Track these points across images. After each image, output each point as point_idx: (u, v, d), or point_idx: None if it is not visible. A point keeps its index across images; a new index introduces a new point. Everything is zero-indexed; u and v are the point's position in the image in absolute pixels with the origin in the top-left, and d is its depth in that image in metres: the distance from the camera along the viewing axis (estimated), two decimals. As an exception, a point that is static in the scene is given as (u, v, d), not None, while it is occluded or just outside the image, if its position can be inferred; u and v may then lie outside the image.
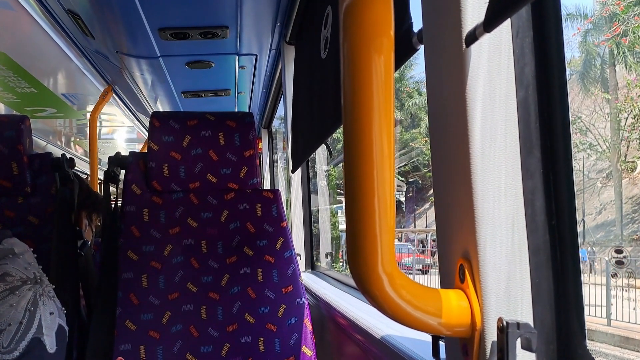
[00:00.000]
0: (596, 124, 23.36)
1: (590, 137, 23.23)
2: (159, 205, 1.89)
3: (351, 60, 0.72)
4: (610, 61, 22.76)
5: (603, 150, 23.06)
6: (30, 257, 1.24)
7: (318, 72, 1.98)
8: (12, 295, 1.12)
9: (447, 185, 0.85)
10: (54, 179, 1.97)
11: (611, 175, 22.35)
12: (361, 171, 0.72)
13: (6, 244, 1.20)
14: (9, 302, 1.11)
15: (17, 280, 1.15)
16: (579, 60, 24.12)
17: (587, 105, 23.45)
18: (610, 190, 22.09)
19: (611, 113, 22.18)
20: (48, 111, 4.36)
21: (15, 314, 1.11)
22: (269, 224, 1.92)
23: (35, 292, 1.17)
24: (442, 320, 0.78)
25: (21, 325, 1.11)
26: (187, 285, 1.83)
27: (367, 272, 0.73)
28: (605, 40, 22.36)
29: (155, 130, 1.89)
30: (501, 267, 0.78)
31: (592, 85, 23.28)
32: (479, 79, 0.77)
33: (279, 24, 2.63)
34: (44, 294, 1.19)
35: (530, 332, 0.72)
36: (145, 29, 2.45)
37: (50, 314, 1.18)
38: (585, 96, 23.43)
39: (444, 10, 0.82)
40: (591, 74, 23.27)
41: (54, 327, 1.18)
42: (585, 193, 22.35)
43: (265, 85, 3.76)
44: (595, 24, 22.71)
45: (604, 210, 22.05)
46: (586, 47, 23.39)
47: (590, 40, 23.25)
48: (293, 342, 1.82)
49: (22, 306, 1.13)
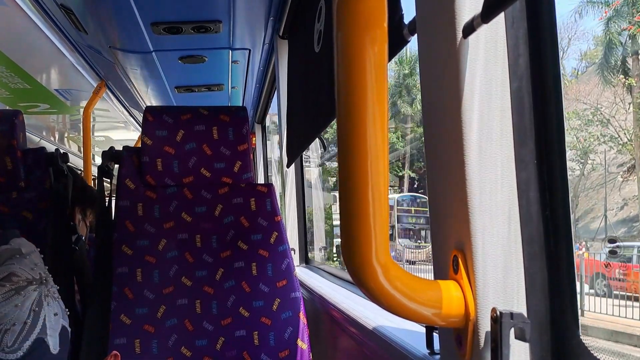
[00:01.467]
0: (617, 115, 22.78)
1: (610, 129, 22.73)
2: (153, 200, 1.88)
3: (345, 52, 0.72)
4: (633, 49, 22.00)
5: (624, 142, 22.55)
6: (37, 257, 1.24)
7: (312, 65, 1.97)
8: (17, 296, 1.12)
9: (441, 177, 0.85)
10: (48, 173, 1.96)
11: (633, 168, 21.94)
12: (355, 163, 0.72)
13: (14, 243, 1.20)
14: (14, 302, 1.11)
15: (22, 281, 1.15)
16: (600, 49, 23.36)
17: (607, 97, 22.97)
18: (632, 184, 21.69)
19: (634, 103, 21.55)
20: (41, 107, 4.34)
21: (20, 314, 1.11)
22: (263, 218, 1.92)
23: (40, 292, 1.17)
24: (436, 310, 0.78)
25: (25, 326, 1.11)
26: (181, 279, 1.83)
27: (361, 263, 0.73)
28: (632, 24, 21.49)
29: (149, 125, 1.89)
30: (495, 257, 0.78)
31: (613, 75, 22.50)
32: (473, 70, 0.77)
33: (271, 18, 2.63)
34: (48, 295, 1.19)
35: (523, 322, 0.73)
36: (138, 23, 2.44)
37: (55, 315, 1.18)
38: (606, 87, 22.75)
39: (438, 0, 0.82)
40: (612, 62, 22.56)
41: (57, 328, 1.18)
42: (606, 187, 22.03)
43: (259, 80, 3.75)
44: (618, 11, 22.00)
45: (625, 205, 21.72)
46: (609, 34, 22.60)
47: (614, 27, 22.55)
48: (287, 335, 1.83)
49: (27, 306, 1.13)
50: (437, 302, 0.78)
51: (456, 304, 0.79)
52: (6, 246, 1.18)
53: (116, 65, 3.20)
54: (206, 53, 2.97)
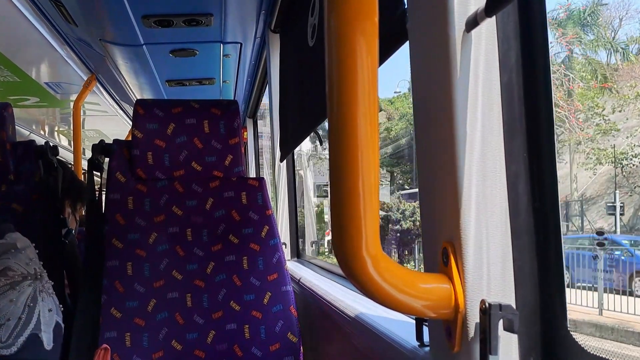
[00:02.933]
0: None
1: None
2: (143, 193, 1.88)
3: (335, 44, 0.72)
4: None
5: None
6: (32, 252, 1.24)
7: (306, 60, 1.97)
8: (12, 291, 1.12)
9: (432, 170, 0.86)
10: (37, 166, 1.96)
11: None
12: (346, 154, 0.72)
13: (9, 238, 1.20)
14: (9, 297, 1.11)
15: (18, 276, 1.14)
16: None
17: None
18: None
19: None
20: (31, 100, 4.31)
21: (15, 309, 1.11)
22: (254, 212, 1.92)
23: (35, 288, 1.17)
24: (425, 302, 0.79)
25: (20, 321, 1.11)
26: (172, 273, 1.82)
27: (351, 254, 0.74)
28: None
29: (140, 118, 1.88)
30: (484, 249, 0.78)
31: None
32: (470, 64, 0.77)
33: (263, 12, 2.62)
34: (43, 290, 1.19)
35: (512, 314, 0.73)
36: (128, 15, 2.43)
37: (49, 311, 1.19)
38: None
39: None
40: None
41: (51, 323, 1.18)
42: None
43: (250, 74, 3.75)
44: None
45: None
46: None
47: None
48: (278, 329, 1.83)
49: (22, 302, 1.13)
50: (426, 294, 0.79)
51: (446, 296, 0.79)
52: (2, 240, 1.18)
53: (106, 58, 3.18)
54: (197, 46, 2.96)
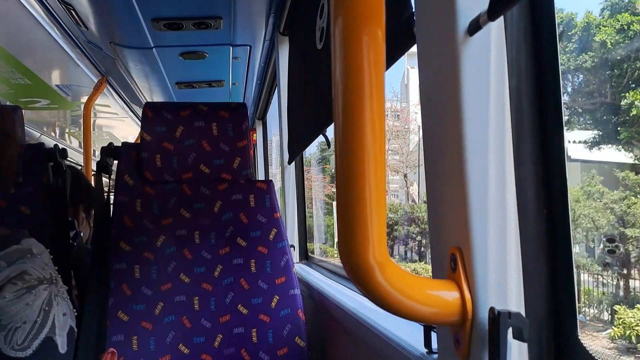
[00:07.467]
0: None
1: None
2: (151, 196, 1.88)
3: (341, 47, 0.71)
4: None
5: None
6: (47, 257, 1.25)
7: (314, 62, 1.97)
8: (28, 294, 1.13)
9: (440, 175, 0.85)
10: (46, 169, 1.96)
11: None
12: (353, 160, 0.71)
13: (24, 243, 1.21)
14: (25, 301, 1.13)
15: (34, 280, 1.16)
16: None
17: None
18: None
19: None
20: (42, 102, 4.33)
21: (31, 312, 1.12)
22: (262, 214, 1.92)
23: (50, 292, 1.18)
24: (433, 309, 0.77)
25: (35, 324, 1.12)
26: (179, 276, 1.82)
27: (358, 261, 0.73)
28: None
29: (148, 121, 1.88)
30: (493, 256, 0.77)
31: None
32: (476, 68, 0.76)
33: (272, 15, 2.62)
34: (58, 295, 1.21)
35: (521, 322, 0.72)
36: (138, 19, 2.44)
37: (64, 315, 1.20)
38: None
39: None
40: None
41: (66, 327, 1.19)
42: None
43: (260, 76, 3.75)
44: None
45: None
46: None
47: None
48: (286, 333, 1.82)
49: (38, 305, 1.14)
50: (434, 301, 0.78)
51: (454, 303, 0.78)
52: (17, 246, 1.19)
53: (117, 61, 3.19)
54: (207, 49, 2.96)
